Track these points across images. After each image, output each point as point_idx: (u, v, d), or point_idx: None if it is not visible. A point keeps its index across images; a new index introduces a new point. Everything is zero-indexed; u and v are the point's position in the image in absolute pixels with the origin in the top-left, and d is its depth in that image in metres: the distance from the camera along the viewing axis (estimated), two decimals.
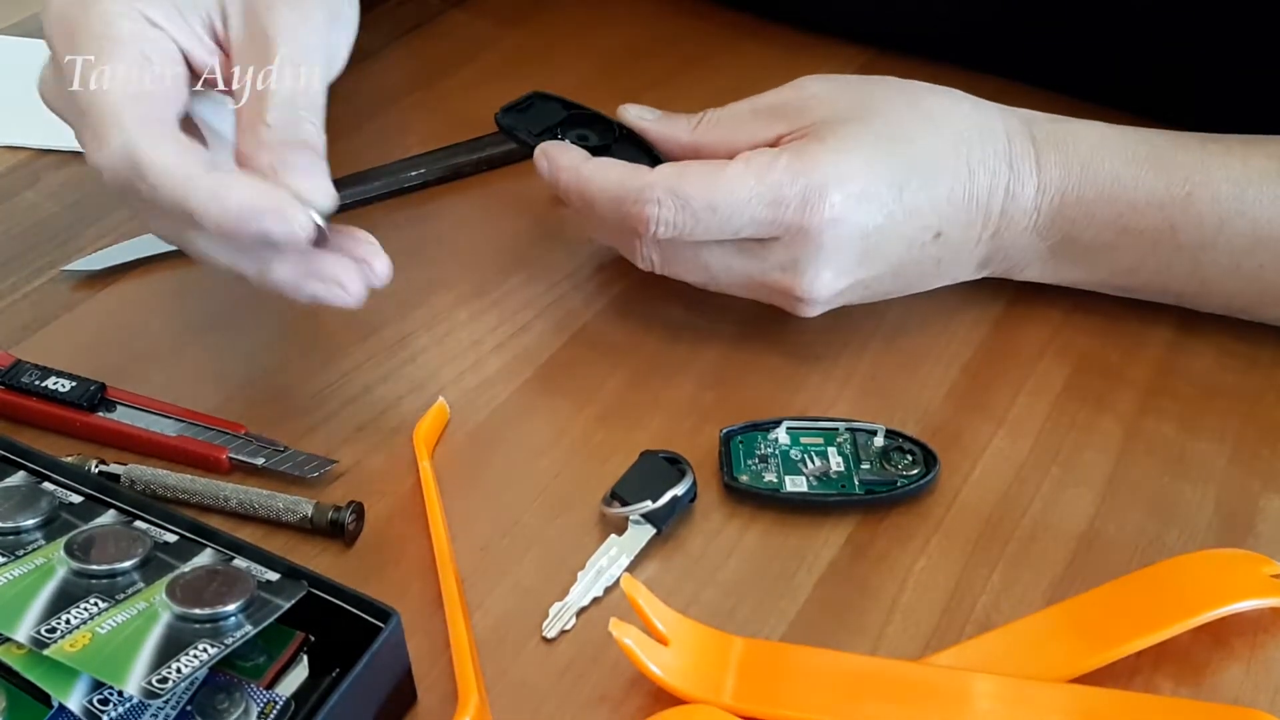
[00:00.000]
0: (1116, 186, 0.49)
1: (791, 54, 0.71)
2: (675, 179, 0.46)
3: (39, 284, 0.56)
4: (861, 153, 0.47)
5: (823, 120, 0.48)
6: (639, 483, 0.45)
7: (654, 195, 0.46)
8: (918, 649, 0.42)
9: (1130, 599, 0.42)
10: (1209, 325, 0.53)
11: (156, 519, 0.41)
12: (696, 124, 0.51)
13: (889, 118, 0.48)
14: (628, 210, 0.47)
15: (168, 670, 0.35)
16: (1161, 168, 0.49)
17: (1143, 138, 0.50)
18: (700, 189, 0.46)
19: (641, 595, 0.40)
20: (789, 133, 0.49)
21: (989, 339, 0.54)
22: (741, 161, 0.47)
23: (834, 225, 0.46)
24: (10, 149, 0.64)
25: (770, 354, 0.52)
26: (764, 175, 0.46)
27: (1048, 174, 0.49)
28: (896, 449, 0.47)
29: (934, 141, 0.48)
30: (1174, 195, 0.49)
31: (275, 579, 0.39)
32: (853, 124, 0.48)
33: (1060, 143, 0.50)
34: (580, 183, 0.49)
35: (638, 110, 0.52)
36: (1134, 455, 0.49)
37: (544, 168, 0.50)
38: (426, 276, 0.56)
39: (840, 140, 0.47)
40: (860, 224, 0.47)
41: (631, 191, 0.47)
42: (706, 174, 0.46)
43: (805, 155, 0.47)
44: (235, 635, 0.37)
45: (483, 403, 0.51)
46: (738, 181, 0.46)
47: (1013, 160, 0.49)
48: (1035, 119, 0.51)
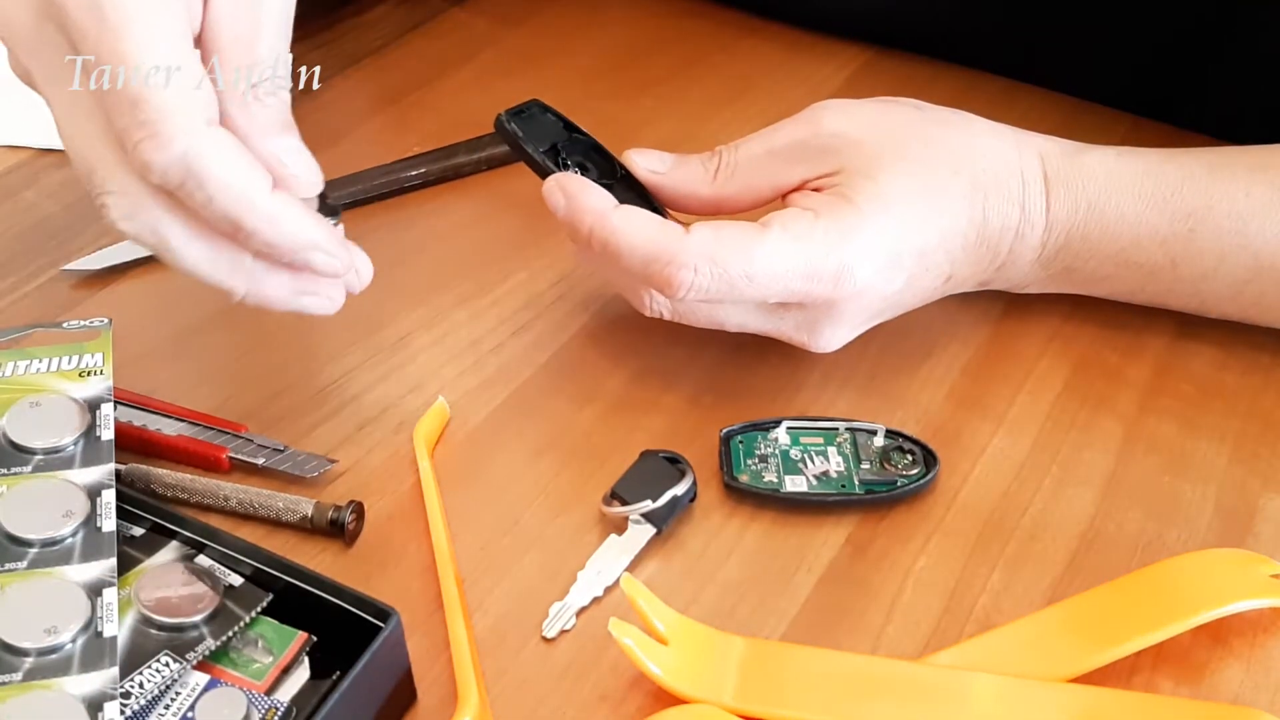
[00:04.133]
0: (1121, 224, 0.49)
1: (791, 53, 0.71)
2: (713, 245, 0.44)
3: (39, 284, 0.56)
4: (890, 217, 0.46)
5: (848, 169, 0.47)
6: (639, 482, 0.45)
7: (690, 261, 0.44)
8: (918, 649, 0.42)
9: (1130, 599, 0.42)
10: (1209, 325, 0.53)
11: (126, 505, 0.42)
12: (715, 174, 0.49)
13: (913, 165, 0.47)
14: (659, 271, 0.45)
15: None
16: (1166, 205, 0.49)
17: (1151, 171, 0.49)
18: (739, 259, 0.44)
19: (641, 595, 0.40)
20: (812, 177, 0.47)
21: (989, 339, 0.54)
22: (778, 228, 0.45)
23: (859, 296, 0.46)
24: (10, 149, 0.64)
25: (770, 354, 0.52)
26: (801, 248, 0.45)
27: (1055, 214, 0.49)
28: (896, 449, 0.47)
29: (953, 192, 0.48)
30: (1176, 231, 0.49)
31: (240, 583, 0.40)
32: (881, 177, 0.46)
33: (1070, 180, 0.49)
34: (607, 233, 0.46)
35: (647, 161, 0.49)
36: (1134, 455, 0.49)
37: (559, 204, 0.47)
38: (426, 276, 0.56)
39: (870, 202, 0.46)
40: (882, 290, 0.47)
41: (666, 253, 0.44)
42: (745, 241, 0.45)
43: (840, 225, 0.45)
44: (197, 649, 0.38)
45: (483, 403, 0.51)
46: (778, 254, 0.44)
47: (1025, 202, 0.49)
48: (1049, 152, 0.50)
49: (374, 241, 0.58)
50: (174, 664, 0.37)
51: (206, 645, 0.38)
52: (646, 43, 0.72)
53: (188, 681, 0.38)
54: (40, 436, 0.42)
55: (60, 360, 0.44)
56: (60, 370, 0.44)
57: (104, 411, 0.43)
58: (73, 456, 0.42)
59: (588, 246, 0.47)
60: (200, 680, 0.38)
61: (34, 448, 0.41)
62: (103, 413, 0.43)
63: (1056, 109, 0.52)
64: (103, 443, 0.42)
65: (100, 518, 0.40)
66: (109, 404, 0.43)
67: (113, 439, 0.42)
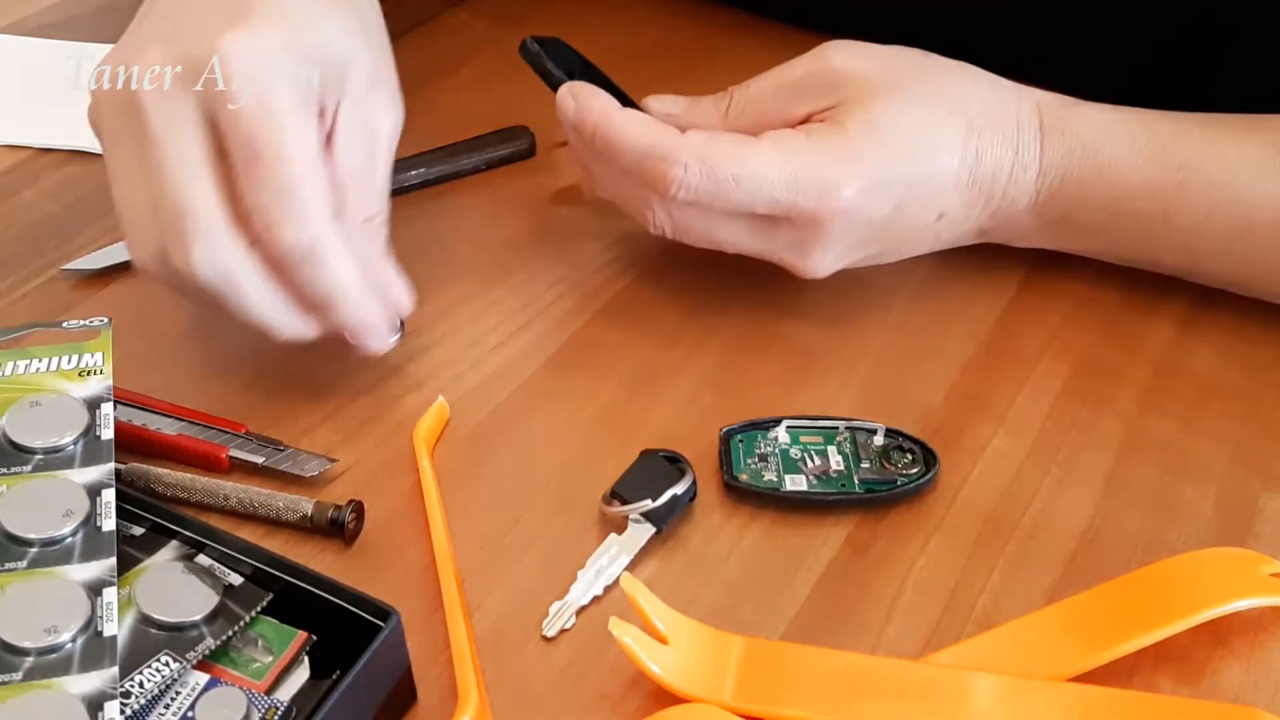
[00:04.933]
0: (1114, 172, 0.50)
1: (791, 53, 0.70)
2: (705, 145, 0.47)
3: (39, 284, 0.56)
4: (880, 143, 0.48)
5: (847, 100, 0.49)
6: (639, 482, 0.45)
7: (682, 157, 0.47)
8: (918, 648, 0.42)
9: (1130, 598, 0.42)
10: (1209, 325, 0.53)
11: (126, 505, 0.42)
12: (726, 109, 0.51)
13: (910, 101, 0.49)
14: (653, 167, 0.48)
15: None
16: (1159, 155, 0.50)
17: (1145, 124, 0.51)
18: (727, 159, 0.47)
19: (641, 594, 0.40)
20: (817, 110, 0.50)
21: (989, 339, 0.54)
22: (770, 140, 0.48)
23: (845, 215, 0.48)
24: (10, 149, 0.64)
25: (770, 354, 0.52)
26: (789, 159, 0.47)
27: (1050, 158, 0.50)
28: (896, 448, 0.47)
29: (948, 129, 0.49)
30: (1168, 182, 0.50)
31: (240, 582, 0.40)
32: (875, 107, 0.49)
33: (1065, 128, 0.51)
34: (610, 129, 0.49)
35: (661, 104, 0.52)
36: (1134, 454, 0.49)
37: (569, 107, 0.50)
38: (426, 276, 0.56)
39: (861, 129, 0.48)
40: (870, 214, 0.48)
41: (660, 149, 0.48)
42: (735, 146, 0.48)
43: (829, 144, 0.48)
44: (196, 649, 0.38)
45: (483, 403, 0.51)
46: (764, 160, 0.47)
47: (1019, 146, 0.50)
48: (1046, 102, 0.52)
49: None
50: (174, 663, 0.37)
51: (206, 645, 0.38)
52: (646, 43, 0.72)
53: (188, 681, 0.38)
54: (40, 436, 0.42)
55: (60, 360, 0.45)
56: (60, 370, 0.44)
57: (104, 411, 0.43)
58: (73, 456, 0.42)
59: (591, 146, 0.50)
60: (200, 680, 0.38)
61: (34, 447, 0.41)
62: (103, 412, 0.43)
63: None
64: (103, 442, 0.42)
65: (100, 517, 0.40)
66: (109, 403, 0.43)
67: (113, 438, 0.42)
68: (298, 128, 0.43)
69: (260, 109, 0.42)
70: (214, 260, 0.43)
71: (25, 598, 0.37)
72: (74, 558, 0.39)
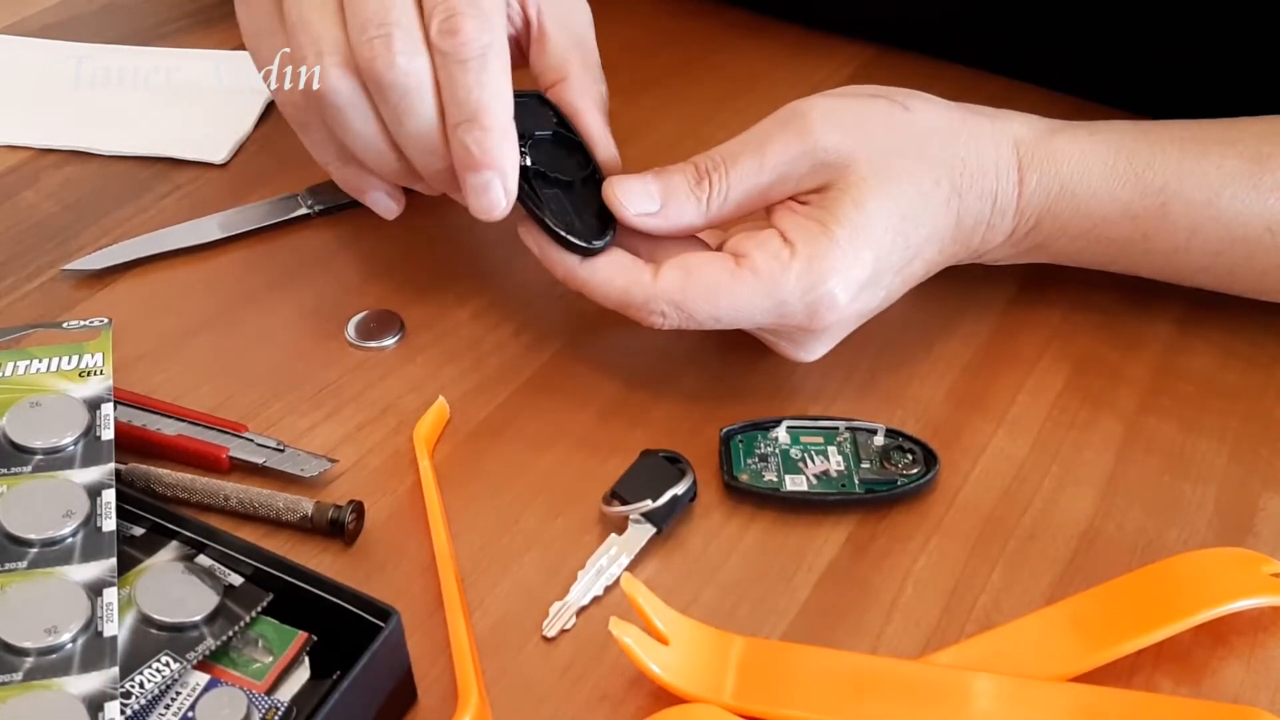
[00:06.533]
0: (1093, 203, 0.50)
1: (791, 52, 0.71)
2: (679, 293, 0.46)
3: (39, 284, 0.56)
4: (870, 243, 0.46)
5: (838, 189, 0.47)
6: (639, 482, 0.45)
7: (659, 308, 0.47)
8: (918, 648, 0.42)
9: (1130, 598, 0.42)
10: (1209, 325, 0.53)
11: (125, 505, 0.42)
12: (706, 205, 0.48)
13: (899, 185, 0.47)
14: (632, 313, 0.48)
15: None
16: (1137, 181, 0.49)
17: (1123, 149, 0.50)
18: (705, 305, 0.46)
19: (641, 594, 0.40)
20: (802, 191, 0.48)
21: (989, 339, 0.54)
22: (750, 273, 0.46)
23: (840, 323, 0.48)
24: (10, 149, 0.64)
25: (770, 354, 0.52)
26: (773, 291, 0.46)
27: (1027, 201, 0.50)
28: (896, 448, 0.47)
29: (934, 202, 0.48)
30: (1148, 206, 0.49)
31: (240, 583, 0.40)
32: (866, 202, 0.46)
33: (1043, 166, 0.50)
34: (579, 281, 0.48)
35: (636, 205, 0.48)
36: (1134, 454, 0.49)
37: (534, 251, 0.50)
38: (427, 276, 0.56)
39: (850, 232, 0.46)
40: (861, 310, 0.48)
41: (635, 301, 0.47)
42: (712, 289, 0.46)
43: (818, 262, 0.45)
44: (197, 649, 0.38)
45: (483, 403, 0.51)
46: (744, 298, 0.46)
47: (997, 195, 0.49)
48: (1023, 138, 0.50)
49: (374, 242, 0.58)
50: (174, 664, 0.37)
51: (207, 645, 0.38)
52: (646, 43, 0.72)
53: (188, 681, 0.38)
54: (40, 436, 0.42)
55: (60, 360, 0.45)
56: (60, 370, 0.44)
57: (104, 411, 0.43)
58: (73, 456, 0.42)
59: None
60: (200, 680, 0.38)
61: (34, 448, 0.42)
62: (103, 413, 0.43)
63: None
64: (103, 443, 0.42)
65: (100, 517, 0.40)
66: (109, 404, 0.43)
67: (113, 439, 0.42)
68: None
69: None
70: (413, 53, 0.44)
71: (25, 598, 0.37)
72: (74, 558, 0.39)
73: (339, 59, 0.45)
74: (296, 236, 0.59)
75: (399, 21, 0.44)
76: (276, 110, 0.66)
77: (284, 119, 0.49)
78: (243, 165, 0.63)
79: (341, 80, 0.45)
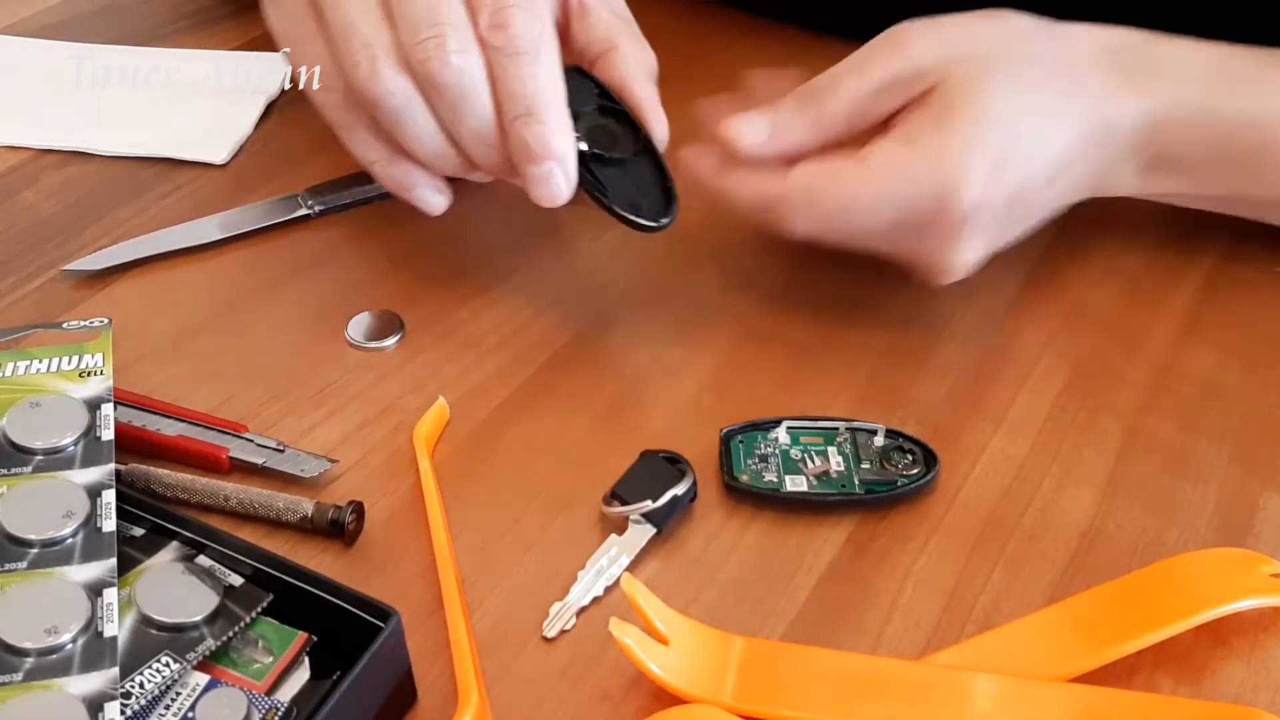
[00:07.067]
0: (1206, 111, 0.50)
1: (792, 53, 0.70)
2: (806, 190, 0.48)
3: (39, 284, 0.56)
4: (988, 130, 0.47)
5: (944, 89, 0.48)
6: (639, 482, 0.45)
7: (790, 205, 0.48)
8: (918, 649, 0.42)
9: (1130, 598, 0.42)
10: (1209, 326, 0.53)
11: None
12: (815, 121, 0.50)
13: (1005, 78, 0.49)
14: (768, 220, 0.49)
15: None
16: (1248, 87, 0.51)
17: (1228, 60, 0.52)
18: (833, 198, 0.48)
19: (641, 595, 0.40)
20: (912, 98, 0.49)
21: (989, 339, 0.54)
22: (875, 159, 0.47)
23: (975, 212, 0.48)
24: (10, 149, 0.64)
25: (770, 354, 0.52)
26: (898, 174, 0.47)
27: (1139, 104, 0.50)
28: (896, 448, 0.47)
29: (1043, 95, 0.49)
30: (1266, 112, 0.51)
31: (240, 583, 0.40)
32: (974, 94, 0.48)
33: (1146, 72, 0.51)
34: (716, 190, 0.51)
35: (750, 134, 0.50)
36: (1134, 454, 0.49)
37: (688, 166, 0.51)
38: (426, 276, 0.56)
39: (966, 121, 0.47)
40: (993, 205, 0.48)
41: (769, 200, 0.49)
42: (838, 178, 0.48)
43: (936, 150, 0.47)
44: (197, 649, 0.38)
45: (483, 403, 0.51)
46: (871, 186, 0.47)
47: (1106, 96, 0.50)
48: (1123, 45, 0.51)
49: (374, 242, 0.59)
50: (174, 664, 0.37)
51: (207, 645, 0.38)
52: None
53: (188, 681, 0.38)
54: (40, 437, 0.42)
55: (60, 360, 0.45)
56: (60, 370, 0.44)
57: (104, 411, 0.43)
58: (73, 457, 0.42)
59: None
60: (200, 680, 0.38)
61: (34, 448, 0.42)
62: (103, 413, 0.43)
63: None
64: (103, 443, 0.42)
65: (100, 518, 0.40)
66: (109, 404, 0.43)
67: (113, 439, 0.42)
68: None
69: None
70: (465, 51, 0.44)
71: (26, 598, 0.37)
72: (74, 558, 0.39)
73: (393, 60, 0.45)
74: (296, 236, 0.59)
75: (450, 20, 0.44)
76: (277, 110, 0.66)
77: (285, 119, 0.49)
78: (243, 165, 0.63)
79: (396, 81, 0.45)
